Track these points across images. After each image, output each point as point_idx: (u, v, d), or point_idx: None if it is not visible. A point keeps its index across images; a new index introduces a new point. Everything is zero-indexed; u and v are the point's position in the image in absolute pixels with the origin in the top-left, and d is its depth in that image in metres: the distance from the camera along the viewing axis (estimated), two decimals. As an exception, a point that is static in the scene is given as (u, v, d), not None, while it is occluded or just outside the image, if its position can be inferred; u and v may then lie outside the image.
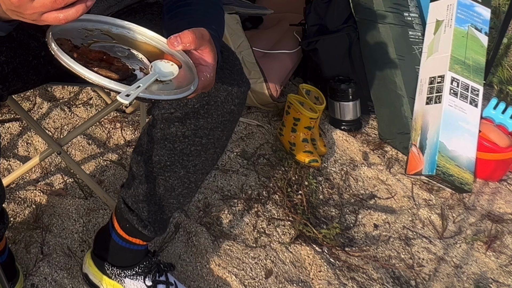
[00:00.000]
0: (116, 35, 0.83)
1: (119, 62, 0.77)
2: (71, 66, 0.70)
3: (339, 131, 2.01)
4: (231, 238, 1.53)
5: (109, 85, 0.69)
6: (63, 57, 0.70)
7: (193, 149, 1.02)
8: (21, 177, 1.63)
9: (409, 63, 1.94)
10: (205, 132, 1.00)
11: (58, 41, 0.74)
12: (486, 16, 1.95)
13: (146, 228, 1.16)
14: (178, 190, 1.09)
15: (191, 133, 0.99)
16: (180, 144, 1.01)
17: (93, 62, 0.74)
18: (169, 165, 1.05)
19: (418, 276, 1.48)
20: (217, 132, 1.01)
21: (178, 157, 1.03)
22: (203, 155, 1.04)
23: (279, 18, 2.45)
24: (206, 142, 1.02)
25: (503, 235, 1.63)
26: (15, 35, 1.01)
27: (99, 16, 0.84)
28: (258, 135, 1.96)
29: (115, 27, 0.84)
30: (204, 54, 0.80)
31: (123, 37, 0.84)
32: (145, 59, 0.81)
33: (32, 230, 1.47)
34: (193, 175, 1.07)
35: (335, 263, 1.48)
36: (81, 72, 0.69)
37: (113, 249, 1.25)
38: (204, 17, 0.92)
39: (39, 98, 1.99)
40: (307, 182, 1.74)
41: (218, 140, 1.03)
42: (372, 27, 1.96)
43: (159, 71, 0.76)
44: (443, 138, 1.71)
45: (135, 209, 1.16)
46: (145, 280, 1.27)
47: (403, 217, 1.67)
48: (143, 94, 0.70)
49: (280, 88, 2.02)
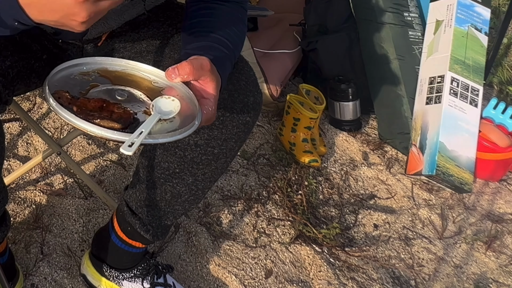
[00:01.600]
0: (114, 76, 0.82)
1: (119, 108, 0.75)
2: (72, 121, 0.69)
3: (339, 131, 2.01)
4: (231, 238, 1.53)
5: (112, 137, 0.68)
6: (63, 113, 0.69)
7: (204, 158, 1.00)
8: (21, 177, 1.63)
9: (409, 63, 1.94)
10: (218, 143, 0.98)
11: (56, 94, 0.73)
12: (486, 16, 1.95)
13: (148, 232, 1.15)
14: (185, 197, 1.08)
15: (203, 143, 0.98)
16: (191, 153, 0.99)
17: (94, 113, 0.73)
18: (178, 172, 1.03)
19: (418, 276, 1.48)
20: (231, 143, 0.99)
21: (188, 165, 1.01)
22: (214, 164, 1.02)
23: (279, 18, 2.45)
24: (218, 152, 1.00)
25: (503, 235, 1.63)
26: (18, 38, 1.01)
27: (94, 58, 0.83)
28: (258, 135, 1.96)
29: (111, 66, 0.83)
30: (205, 85, 0.79)
31: (121, 76, 0.82)
32: (145, 97, 0.79)
33: (32, 230, 1.47)
34: (201, 183, 1.06)
35: (335, 263, 1.48)
36: (83, 126, 0.68)
37: (112, 250, 1.24)
38: (222, 32, 0.91)
39: (39, 98, 1.99)
40: (307, 182, 1.74)
41: (231, 151, 1.01)
42: (372, 27, 1.96)
43: (160, 110, 0.75)
44: (443, 138, 1.71)
45: (139, 213, 1.14)
46: (143, 282, 1.26)
47: (403, 217, 1.67)
48: (146, 141, 0.69)
49: (280, 88, 2.02)
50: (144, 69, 0.83)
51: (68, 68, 0.81)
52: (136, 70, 0.83)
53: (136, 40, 1.08)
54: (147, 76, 0.83)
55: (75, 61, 0.82)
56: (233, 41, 0.92)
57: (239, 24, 0.98)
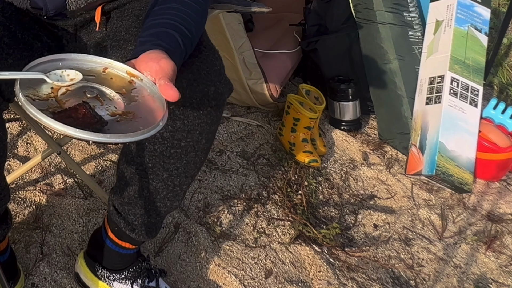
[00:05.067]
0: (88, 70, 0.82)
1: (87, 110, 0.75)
2: (39, 118, 0.68)
3: (339, 131, 2.01)
4: (231, 238, 1.53)
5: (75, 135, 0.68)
6: (30, 109, 0.69)
7: (173, 151, 1.00)
8: (21, 177, 1.63)
9: (409, 63, 1.94)
10: (183, 135, 0.98)
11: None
12: (486, 16, 1.95)
13: (133, 231, 1.15)
14: (163, 193, 1.08)
15: (169, 135, 0.98)
16: (160, 146, 1.00)
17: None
18: (151, 167, 1.04)
19: (418, 276, 1.48)
20: (195, 134, 0.99)
21: (159, 159, 1.02)
22: (184, 158, 1.02)
23: (278, 18, 2.45)
24: (185, 145, 1.00)
25: (503, 235, 1.63)
26: (21, 36, 1.02)
27: (70, 54, 0.83)
28: (258, 135, 1.96)
29: (86, 64, 0.83)
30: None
31: (96, 72, 0.82)
32: (116, 95, 0.79)
33: (32, 230, 1.47)
34: (176, 178, 1.06)
35: (335, 263, 1.48)
36: (48, 123, 0.68)
37: (104, 251, 1.25)
38: (176, 17, 0.92)
39: (39, 98, 1.99)
40: (307, 182, 1.74)
41: (198, 143, 1.01)
42: (372, 27, 1.96)
43: (53, 76, 0.76)
44: (443, 138, 1.71)
45: (122, 212, 1.15)
46: (133, 284, 1.26)
47: (403, 217, 1.67)
48: (109, 139, 0.68)
49: (280, 88, 2.02)
50: (119, 67, 0.83)
51: (46, 62, 0.81)
52: (113, 68, 0.83)
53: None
54: (123, 74, 0.82)
55: (51, 56, 0.81)
56: (188, 25, 0.92)
57: (193, 5, 0.97)
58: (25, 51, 1.01)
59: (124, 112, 0.76)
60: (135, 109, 0.77)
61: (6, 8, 1.03)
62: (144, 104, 0.78)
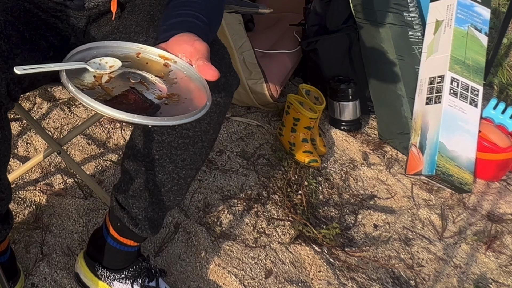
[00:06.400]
0: (124, 58, 0.82)
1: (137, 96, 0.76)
2: (92, 105, 0.68)
3: (339, 131, 2.01)
4: (231, 238, 1.53)
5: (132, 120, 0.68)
6: (82, 98, 0.69)
7: (181, 142, 1.02)
8: (21, 177, 1.63)
9: (409, 63, 1.94)
10: (192, 124, 0.99)
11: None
12: (486, 16, 1.95)
13: (136, 226, 1.16)
14: (168, 186, 1.09)
15: (177, 125, 1.00)
16: (168, 137, 1.01)
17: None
18: (158, 159, 1.05)
19: (418, 276, 1.48)
20: (204, 124, 1.01)
21: (166, 150, 1.03)
22: (191, 149, 1.04)
23: (278, 18, 2.45)
24: (193, 135, 1.01)
25: (503, 235, 1.63)
26: (28, 36, 1.02)
27: (103, 42, 0.83)
28: (258, 135, 1.96)
29: (121, 50, 0.83)
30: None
31: (132, 58, 0.83)
32: (157, 79, 0.79)
33: (32, 230, 1.47)
34: (181, 170, 1.07)
35: (335, 263, 1.48)
36: (103, 110, 0.68)
37: (105, 250, 1.25)
38: (197, 8, 0.93)
39: (39, 98, 1.99)
40: (307, 182, 1.74)
41: (205, 133, 1.02)
42: (372, 27, 1.96)
43: (94, 64, 0.77)
44: (443, 138, 1.71)
45: (126, 206, 1.15)
46: (134, 284, 1.27)
47: (403, 217, 1.67)
48: (158, 123, 0.69)
49: (280, 88, 2.02)
50: (151, 51, 0.83)
51: (81, 52, 0.81)
52: (146, 53, 0.83)
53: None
54: (157, 58, 0.83)
55: (85, 46, 0.82)
56: (208, 16, 0.94)
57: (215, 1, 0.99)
58: (32, 52, 1.02)
59: (169, 94, 0.77)
60: (178, 91, 0.78)
61: (14, 8, 1.04)
62: (184, 85, 0.79)
